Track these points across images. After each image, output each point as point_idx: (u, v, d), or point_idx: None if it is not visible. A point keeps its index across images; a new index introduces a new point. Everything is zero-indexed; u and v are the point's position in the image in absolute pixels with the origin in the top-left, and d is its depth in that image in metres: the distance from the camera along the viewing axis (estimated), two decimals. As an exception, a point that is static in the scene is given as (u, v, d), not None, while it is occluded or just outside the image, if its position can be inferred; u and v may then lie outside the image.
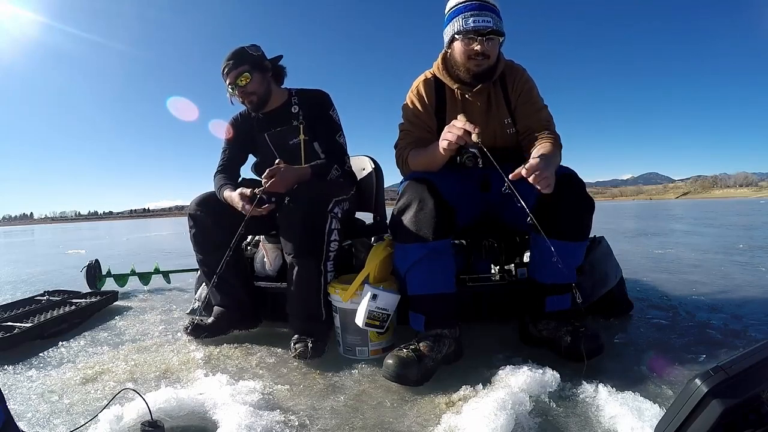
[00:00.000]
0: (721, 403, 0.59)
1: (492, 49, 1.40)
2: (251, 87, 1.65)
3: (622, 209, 20.66)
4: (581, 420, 0.99)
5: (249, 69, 1.64)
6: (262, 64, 1.68)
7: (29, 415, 1.13)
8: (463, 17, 1.37)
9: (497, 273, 1.70)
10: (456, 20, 1.39)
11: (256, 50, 1.68)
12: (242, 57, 1.64)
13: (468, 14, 1.36)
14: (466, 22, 1.36)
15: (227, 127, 1.86)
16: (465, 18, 1.37)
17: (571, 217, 1.30)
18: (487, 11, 1.36)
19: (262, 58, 1.69)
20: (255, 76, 1.65)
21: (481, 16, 1.35)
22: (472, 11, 1.36)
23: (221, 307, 1.72)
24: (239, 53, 1.64)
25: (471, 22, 1.36)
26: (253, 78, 1.65)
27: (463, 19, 1.37)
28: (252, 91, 1.66)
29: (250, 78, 1.64)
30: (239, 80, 1.63)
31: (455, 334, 1.34)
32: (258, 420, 0.99)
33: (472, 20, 1.36)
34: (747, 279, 2.46)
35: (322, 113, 1.73)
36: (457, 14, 1.39)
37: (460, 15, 1.38)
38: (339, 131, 1.73)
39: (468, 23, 1.36)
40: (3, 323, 1.83)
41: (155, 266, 3.07)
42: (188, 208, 1.74)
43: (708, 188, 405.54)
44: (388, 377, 1.20)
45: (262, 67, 1.68)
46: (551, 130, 1.45)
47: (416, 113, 1.51)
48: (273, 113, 1.76)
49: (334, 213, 1.52)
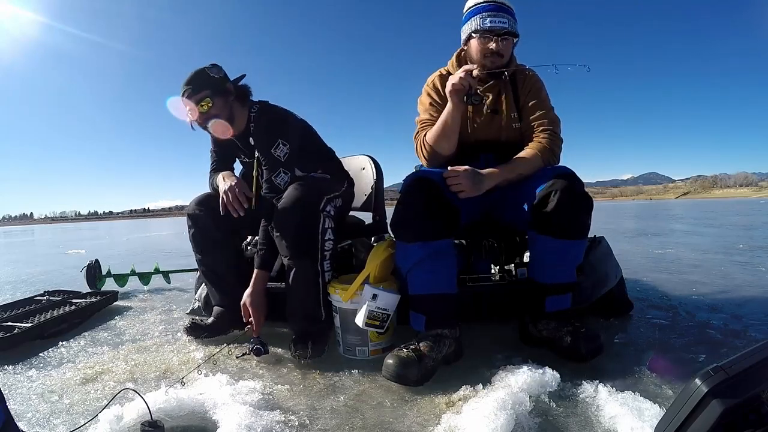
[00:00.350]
0: (721, 403, 0.59)
1: (506, 48, 1.46)
2: (213, 111, 1.55)
3: (622, 209, 20.66)
4: (581, 420, 0.99)
5: (210, 94, 1.53)
6: (224, 87, 1.58)
7: (29, 415, 1.13)
8: (480, 17, 1.43)
9: (497, 273, 1.70)
10: (474, 19, 1.45)
11: (217, 72, 1.57)
12: (202, 81, 1.54)
13: (486, 14, 1.43)
14: (483, 21, 1.43)
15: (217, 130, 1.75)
16: (482, 18, 1.43)
17: (570, 215, 1.31)
18: (504, 12, 1.43)
19: (224, 80, 1.59)
20: (216, 101, 1.55)
21: (498, 17, 1.42)
22: (490, 12, 1.42)
23: (221, 307, 1.73)
24: (199, 77, 1.54)
25: (488, 22, 1.42)
26: (214, 103, 1.54)
27: (480, 19, 1.43)
28: (214, 115, 1.56)
29: (212, 103, 1.54)
30: (200, 106, 1.53)
31: (455, 334, 1.34)
32: (258, 420, 0.99)
33: (489, 20, 1.42)
34: (747, 279, 2.47)
35: (265, 153, 1.60)
36: (475, 14, 1.45)
37: (478, 15, 1.44)
38: (276, 170, 1.57)
39: (485, 23, 1.42)
40: (3, 323, 1.83)
41: (155, 266, 3.07)
42: (187, 207, 1.73)
43: (708, 188, 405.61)
44: (388, 377, 1.21)
45: (224, 91, 1.57)
46: (552, 132, 1.47)
47: (434, 104, 1.55)
48: (238, 138, 1.68)
49: (326, 212, 1.52)
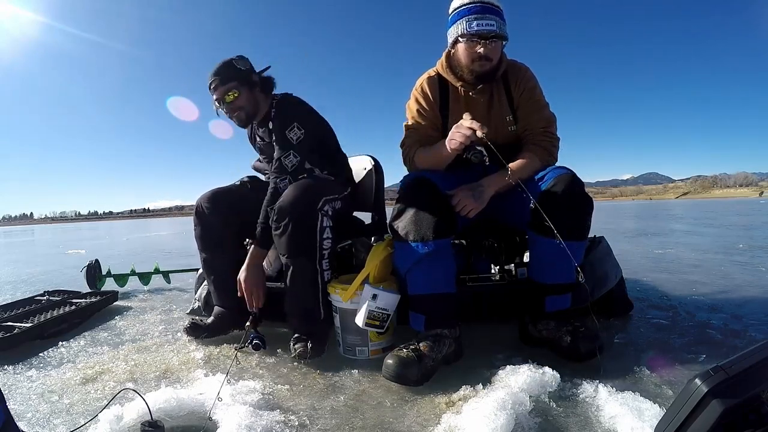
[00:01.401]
0: (721, 403, 0.59)
1: (495, 51, 1.40)
2: (239, 103, 1.60)
3: (622, 209, 20.66)
4: (581, 420, 0.99)
5: (237, 85, 1.58)
6: (250, 78, 1.62)
7: (29, 415, 1.13)
8: (467, 20, 1.36)
9: (497, 273, 1.70)
10: (460, 23, 1.38)
11: (244, 64, 1.62)
12: (229, 72, 1.58)
13: (472, 17, 1.35)
14: (470, 25, 1.35)
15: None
16: (469, 21, 1.36)
17: (570, 216, 1.30)
18: (491, 14, 1.35)
19: (249, 72, 1.63)
20: (243, 92, 1.60)
21: (484, 19, 1.34)
22: (476, 14, 1.35)
23: (222, 308, 1.72)
24: (226, 68, 1.58)
25: (475, 25, 1.35)
26: (241, 94, 1.59)
27: (466, 22, 1.36)
28: (240, 106, 1.61)
29: (238, 94, 1.59)
30: (226, 97, 1.58)
31: (455, 334, 1.34)
32: (258, 420, 0.99)
33: (476, 23, 1.35)
34: (747, 279, 2.46)
35: (279, 133, 1.62)
36: (461, 17, 1.38)
37: (464, 18, 1.37)
38: (287, 150, 1.59)
39: (472, 26, 1.35)
40: (3, 323, 1.83)
41: (155, 266, 3.07)
42: (196, 203, 1.71)
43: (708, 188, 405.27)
44: (388, 377, 1.21)
45: (250, 82, 1.62)
46: (548, 132, 1.46)
47: (421, 111, 1.52)
48: (259, 125, 1.73)
49: (324, 211, 1.51)
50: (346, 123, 48.73)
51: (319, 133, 1.72)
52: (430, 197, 1.32)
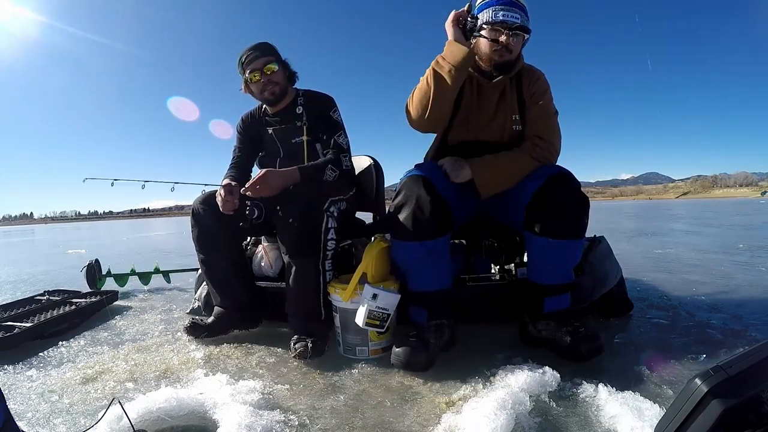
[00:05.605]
0: (721, 403, 0.59)
1: (516, 44, 1.46)
2: (276, 78, 1.69)
3: (621, 209, 20.65)
4: (581, 420, 0.99)
5: (274, 60, 1.69)
6: (284, 61, 1.75)
7: (29, 415, 1.13)
8: (493, 10, 1.43)
9: (497, 273, 1.70)
10: (486, 11, 1.45)
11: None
12: (268, 49, 1.70)
13: (498, 8, 1.43)
14: (496, 14, 1.43)
15: (238, 123, 1.88)
16: (495, 11, 1.43)
17: (566, 215, 1.31)
18: (517, 8, 1.43)
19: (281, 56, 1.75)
20: (279, 69, 1.70)
21: (510, 11, 1.42)
22: (503, 6, 1.43)
23: (221, 308, 1.72)
24: (265, 45, 1.70)
25: (500, 15, 1.43)
26: (277, 69, 1.69)
27: (492, 12, 1.43)
28: (276, 81, 1.69)
29: (276, 68, 1.69)
30: (266, 68, 1.66)
31: (452, 323, 1.42)
32: (258, 420, 0.99)
33: (502, 14, 1.43)
34: (747, 279, 2.46)
35: (323, 115, 1.74)
36: (488, 6, 1.45)
37: (491, 7, 1.44)
38: (339, 131, 1.73)
39: (497, 16, 1.43)
40: (3, 323, 1.83)
41: (155, 266, 3.07)
42: (192, 205, 1.73)
43: (708, 188, 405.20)
44: (398, 364, 1.28)
45: (285, 64, 1.75)
46: (548, 142, 1.45)
47: None
48: (280, 111, 1.78)
49: (330, 212, 1.52)
50: (346, 123, 49.14)
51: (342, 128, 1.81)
52: (427, 195, 1.33)
